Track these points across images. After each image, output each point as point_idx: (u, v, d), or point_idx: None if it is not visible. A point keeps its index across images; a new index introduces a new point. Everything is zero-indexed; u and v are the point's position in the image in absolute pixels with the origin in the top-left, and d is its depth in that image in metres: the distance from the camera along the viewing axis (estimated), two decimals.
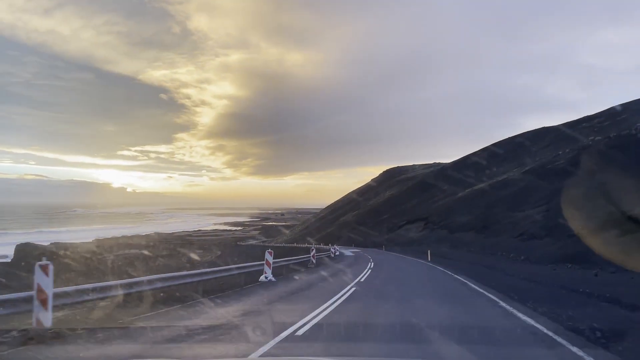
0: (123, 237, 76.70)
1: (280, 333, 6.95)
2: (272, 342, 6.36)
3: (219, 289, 13.34)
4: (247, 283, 14.91)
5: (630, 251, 19.51)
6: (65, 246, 46.59)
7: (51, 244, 48.44)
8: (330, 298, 11.38)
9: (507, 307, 10.45)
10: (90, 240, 62.05)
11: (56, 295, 7.12)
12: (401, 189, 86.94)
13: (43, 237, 72.34)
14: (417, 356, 5.85)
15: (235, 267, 15.79)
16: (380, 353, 6.22)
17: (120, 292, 8.94)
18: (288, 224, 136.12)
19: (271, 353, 5.81)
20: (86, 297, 8.12)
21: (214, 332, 7.21)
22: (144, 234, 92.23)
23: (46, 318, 6.76)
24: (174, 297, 11.17)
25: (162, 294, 11.14)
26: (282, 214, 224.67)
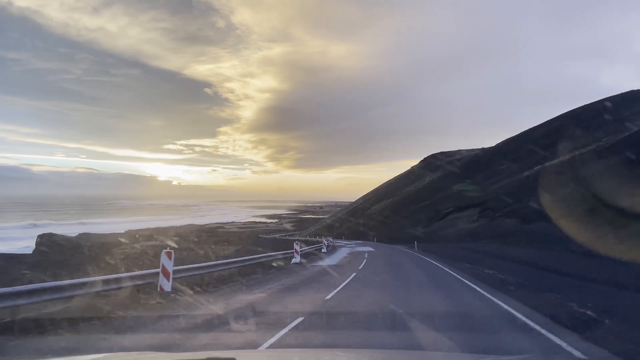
0: (156, 228, 78.80)
1: None
2: None
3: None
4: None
5: None
6: (89, 237, 48.07)
7: (79, 234, 50.11)
8: None
9: None
10: (122, 232, 63.96)
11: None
12: (446, 172, 70.60)
13: (84, 228, 75.34)
14: None
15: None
16: None
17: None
18: (322, 217, 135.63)
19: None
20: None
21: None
22: (179, 225, 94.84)
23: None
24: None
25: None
26: (321, 207, 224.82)
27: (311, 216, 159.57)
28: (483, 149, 73.04)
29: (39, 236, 36.11)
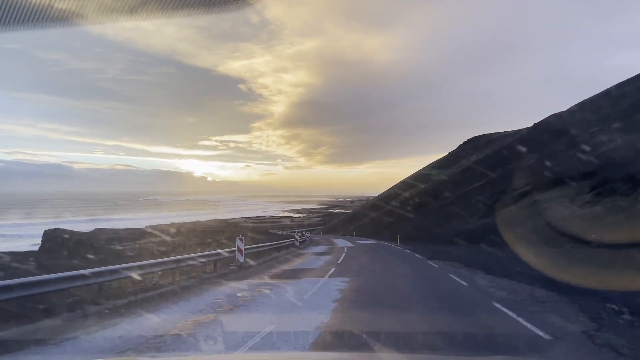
0: (181, 223, 78.84)
1: None
2: None
3: None
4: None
5: None
6: (102, 232, 47.95)
7: (95, 229, 50.05)
8: None
9: None
10: (143, 227, 64.02)
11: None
12: (498, 147, 53.34)
13: (105, 224, 76.39)
14: None
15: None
16: None
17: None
18: (350, 211, 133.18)
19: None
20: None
21: None
22: (204, 220, 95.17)
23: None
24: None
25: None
26: (352, 201, 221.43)
27: (341, 210, 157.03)
28: (555, 114, 49.92)
29: (45, 232, 35.86)
